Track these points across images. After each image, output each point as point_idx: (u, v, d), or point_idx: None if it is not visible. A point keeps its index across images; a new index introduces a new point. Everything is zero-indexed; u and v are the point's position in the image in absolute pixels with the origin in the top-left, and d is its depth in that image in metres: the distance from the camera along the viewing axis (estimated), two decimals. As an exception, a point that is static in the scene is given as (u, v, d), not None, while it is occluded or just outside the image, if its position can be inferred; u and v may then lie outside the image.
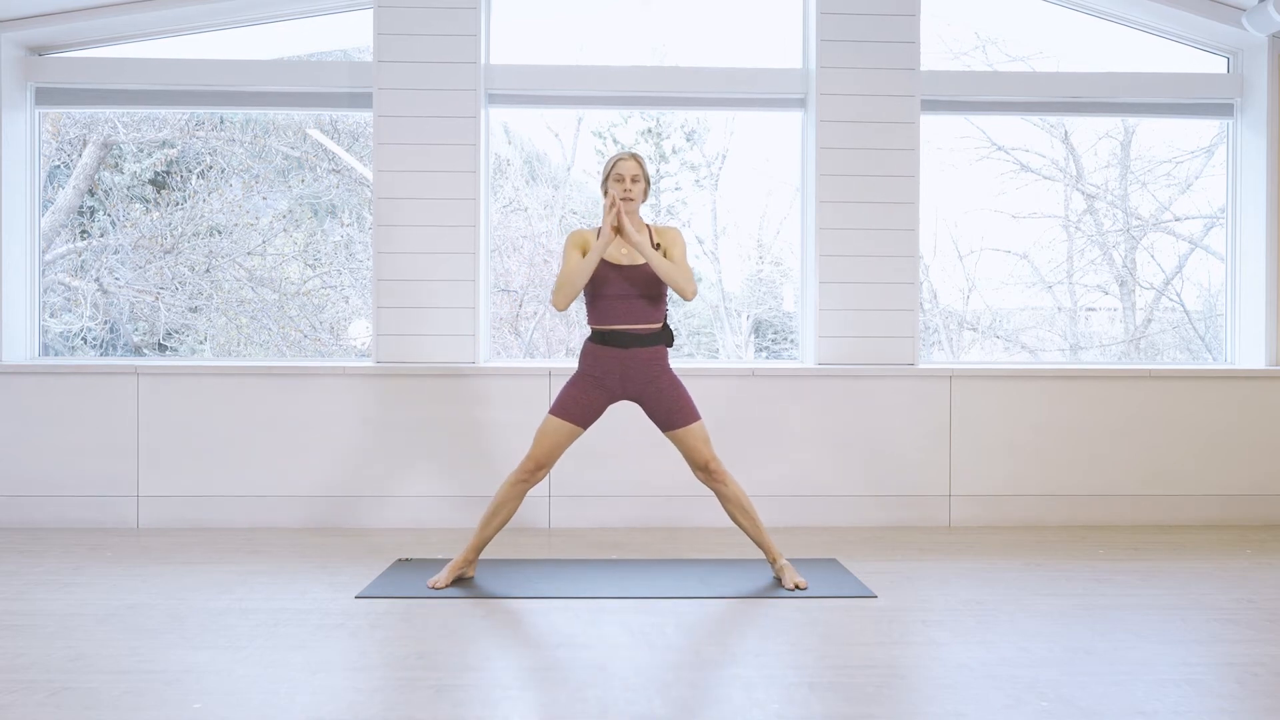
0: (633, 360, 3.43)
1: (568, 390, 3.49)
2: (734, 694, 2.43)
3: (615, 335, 3.42)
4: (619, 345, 3.42)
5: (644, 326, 3.43)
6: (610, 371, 3.43)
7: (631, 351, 3.43)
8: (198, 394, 4.54)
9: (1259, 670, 2.62)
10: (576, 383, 3.48)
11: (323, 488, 4.53)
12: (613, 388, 3.45)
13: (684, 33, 5.54)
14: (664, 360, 3.49)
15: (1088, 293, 6.24)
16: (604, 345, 3.44)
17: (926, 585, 3.50)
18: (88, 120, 5.64)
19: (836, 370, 4.66)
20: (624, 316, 3.42)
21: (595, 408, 3.47)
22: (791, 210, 5.53)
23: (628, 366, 3.43)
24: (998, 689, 2.46)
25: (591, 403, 3.46)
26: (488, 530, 3.49)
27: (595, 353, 3.46)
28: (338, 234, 5.95)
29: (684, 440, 3.46)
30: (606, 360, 3.43)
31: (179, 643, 2.80)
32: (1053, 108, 5.14)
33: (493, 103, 4.90)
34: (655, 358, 3.46)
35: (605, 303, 3.43)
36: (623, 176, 3.43)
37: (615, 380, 3.44)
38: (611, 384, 3.44)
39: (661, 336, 3.47)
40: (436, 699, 2.38)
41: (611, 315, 3.42)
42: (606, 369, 3.44)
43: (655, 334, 3.46)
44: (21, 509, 4.50)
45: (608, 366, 3.43)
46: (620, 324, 3.42)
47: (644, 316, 3.44)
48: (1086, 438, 4.67)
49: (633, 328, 3.42)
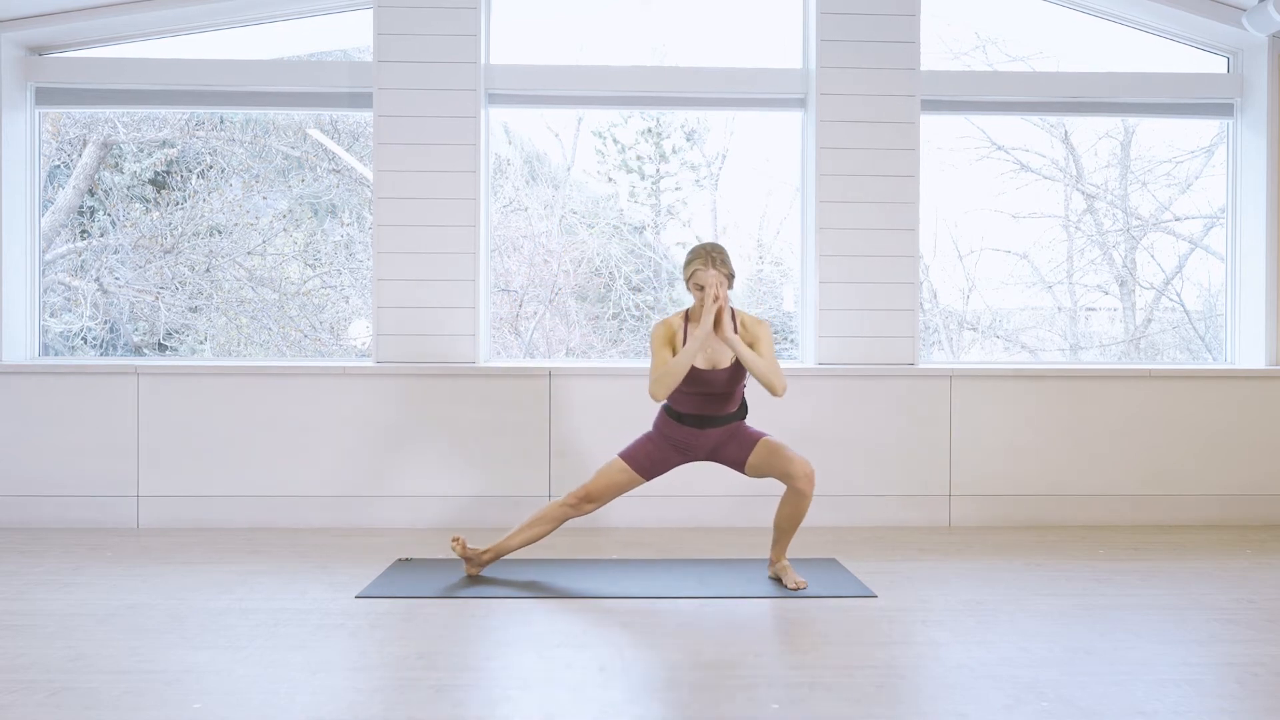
0: (708, 436, 3.46)
1: (642, 443, 3.51)
2: (734, 694, 2.43)
3: (692, 419, 3.45)
4: (695, 426, 3.45)
5: (723, 413, 3.45)
6: (684, 440, 3.47)
7: (707, 431, 3.46)
8: (198, 394, 4.54)
9: (1259, 670, 2.62)
10: (653, 439, 3.51)
11: (322, 488, 4.53)
12: (685, 451, 3.49)
13: (684, 33, 5.54)
14: (735, 428, 3.49)
15: (1088, 293, 6.24)
16: (680, 424, 3.47)
17: (926, 585, 3.50)
18: (88, 120, 5.64)
19: (836, 370, 4.66)
20: (704, 408, 3.43)
21: (665, 464, 3.50)
22: (791, 210, 5.53)
23: (701, 440, 3.47)
24: (998, 689, 2.46)
25: (664, 460, 3.49)
26: (515, 539, 3.54)
27: (671, 425, 3.48)
28: (338, 234, 5.95)
29: (763, 459, 3.40)
30: (682, 433, 3.47)
31: (179, 643, 2.80)
32: (1053, 108, 5.14)
33: (493, 103, 4.90)
34: (731, 430, 3.48)
35: (688, 398, 3.42)
36: (704, 286, 3.33)
37: (689, 445, 3.48)
38: (685, 448, 3.49)
39: (738, 415, 3.50)
40: (436, 699, 2.38)
41: (692, 406, 3.43)
42: (681, 438, 3.47)
43: (732, 415, 3.48)
44: (21, 509, 4.50)
45: (683, 437, 3.47)
46: (700, 412, 3.44)
47: (724, 408, 3.45)
48: (1086, 438, 4.67)
49: (711, 414, 3.44)
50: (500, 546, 3.56)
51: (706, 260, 3.33)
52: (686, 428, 3.45)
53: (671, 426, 3.47)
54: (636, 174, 6.25)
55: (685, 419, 3.44)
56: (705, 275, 3.32)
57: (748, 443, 3.45)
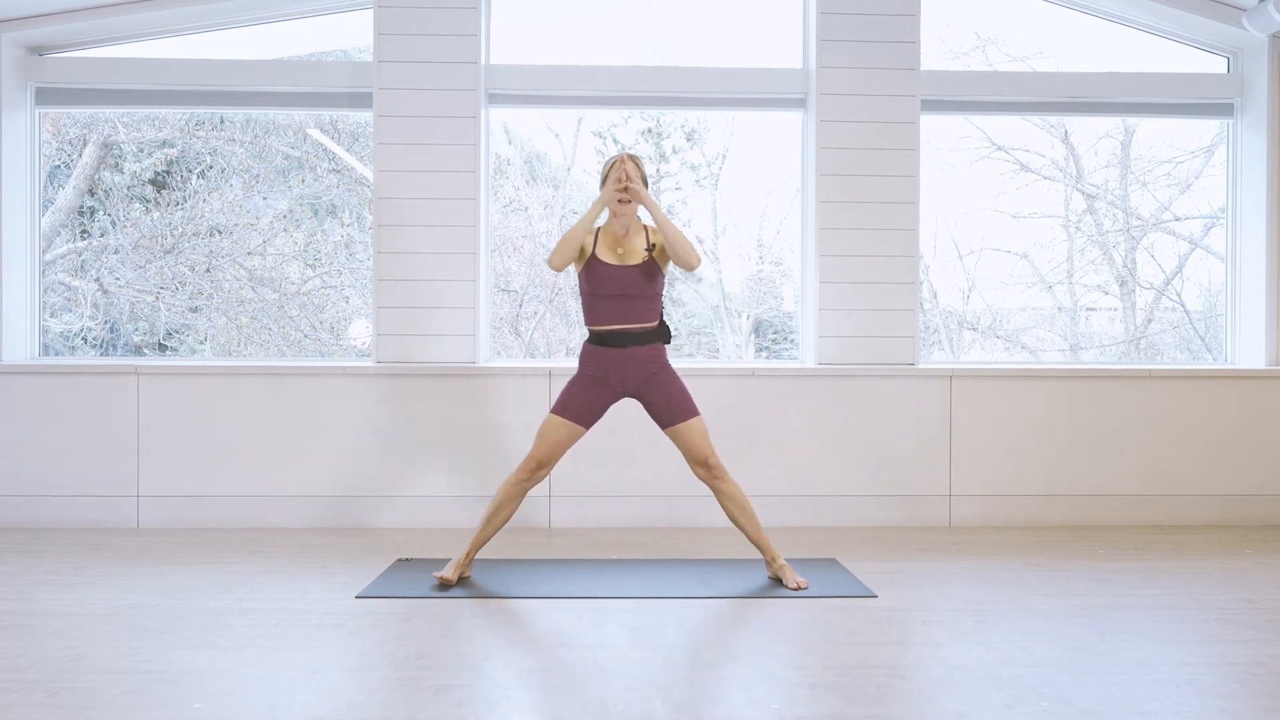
0: (631, 358, 3.45)
1: (568, 389, 3.51)
2: (734, 694, 2.43)
3: (612, 335, 3.44)
4: (616, 345, 3.44)
5: (640, 325, 3.45)
6: (609, 370, 3.45)
7: (629, 350, 3.45)
8: (198, 394, 4.54)
9: (1259, 670, 2.62)
10: (577, 381, 3.51)
11: (323, 488, 4.53)
12: (613, 385, 3.47)
13: (684, 33, 5.54)
14: (662, 357, 3.51)
15: (1088, 293, 6.24)
16: (602, 346, 3.46)
17: (926, 585, 3.50)
18: (88, 120, 5.64)
19: (836, 370, 4.66)
20: (620, 316, 3.44)
21: (597, 406, 3.49)
22: (791, 210, 5.53)
23: (626, 364, 3.45)
24: (998, 689, 2.46)
25: (592, 401, 3.48)
26: (487, 530, 3.51)
27: (594, 353, 3.48)
28: (338, 234, 5.96)
29: (683, 436, 3.47)
30: (605, 359, 3.46)
31: (179, 643, 2.80)
32: (1053, 108, 5.14)
33: (493, 103, 4.90)
34: (653, 355, 3.48)
35: (601, 303, 3.44)
36: (620, 179, 3.46)
37: (615, 378, 3.46)
38: (612, 381, 3.46)
39: (658, 334, 3.49)
40: (436, 699, 2.38)
41: (608, 316, 3.44)
42: (605, 367, 3.46)
43: (652, 331, 3.48)
44: (21, 509, 4.50)
45: (606, 365, 3.45)
46: (617, 324, 3.44)
47: (640, 315, 3.45)
48: (1086, 438, 4.67)
49: (629, 327, 3.44)
50: (476, 541, 3.51)
51: (627, 158, 3.49)
52: (609, 350, 3.45)
53: (594, 356, 3.47)
54: (636, 174, 6.24)
55: (606, 339, 3.44)
56: (625, 167, 3.45)
57: (680, 412, 3.45)
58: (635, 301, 3.44)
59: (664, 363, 3.51)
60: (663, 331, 3.51)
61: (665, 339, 3.51)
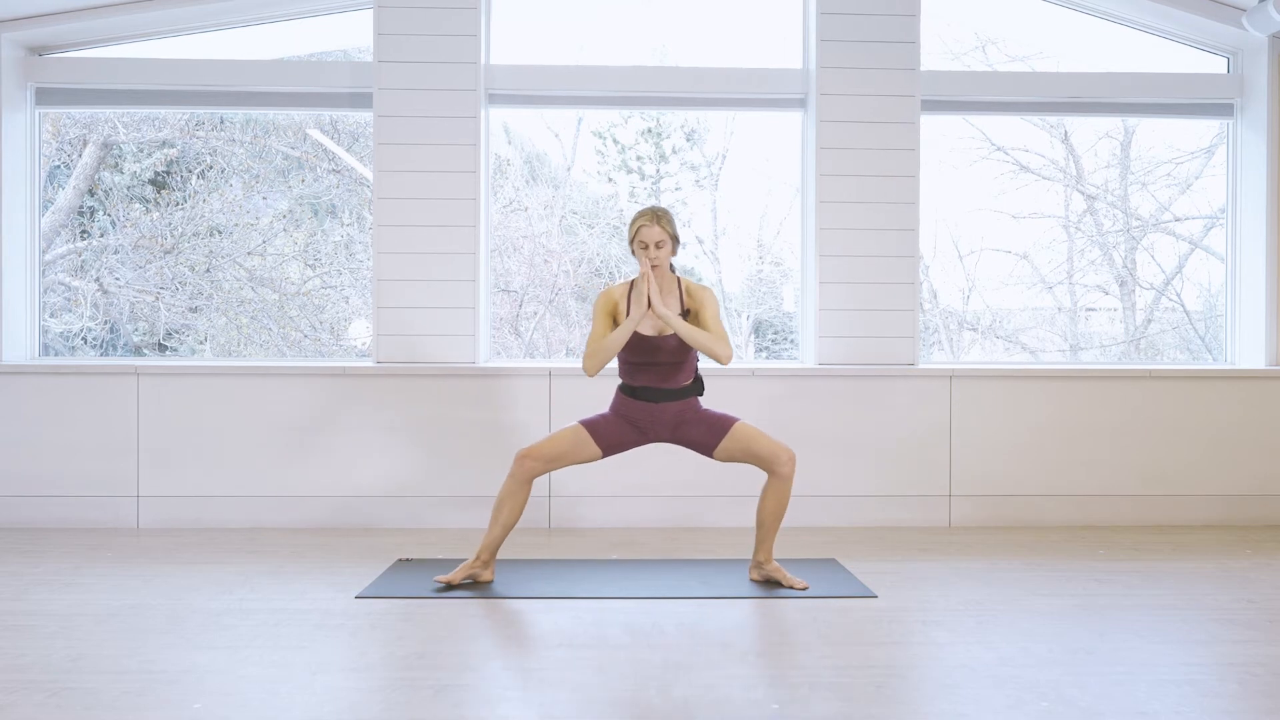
0: (663, 410, 3.42)
1: (603, 415, 3.47)
2: (734, 694, 2.43)
3: (645, 391, 3.41)
4: (649, 400, 3.42)
5: (675, 386, 3.42)
6: (640, 417, 3.43)
7: (661, 405, 3.42)
8: (198, 394, 4.54)
9: (1259, 670, 2.62)
10: (610, 418, 3.47)
11: (322, 488, 4.53)
12: (644, 429, 3.44)
13: (684, 33, 5.54)
14: (696, 405, 3.47)
15: (1088, 293, 6.24)
16: (634, 398, 3.43)
17: (926, 585, 3.50)
18: (88, 120, 5.64)
19: (836, 370, 4.66)
20: (653, 379, 3.40)
21: (624, 440, 3.45)
22: (791, 210, 5.53)
23: (657, 414, 3.42)
24: (998, 689, 2.46)
25: (622, 434, 3.44)
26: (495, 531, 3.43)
27: (626, 402, 3.45)
28: (338, 234, 5.96)
29: (739, 443, 3.38)
30: (636, 409, 3.43)
31: (179, 643, 2.80)
32: (1053, 108, 5.14)
33: (493, 103, 4.90)
34: (687, 405, 3.44)
35: (635, 368, 3.41)
36: (646, 244, 3.35)
37: (646, 423, 3.43)
38: (643, 425, 3.44)
39: (693, 389, 3.46)
40: (436, 699, 2.38)
41: (640, 377, 3.41)
42: (636, 415, 3.43)
43: (687, 389, 3.44)
44: (21, 509, 4.50)
45: (637, 413, 3.43)
46: (651, 384, 3.40)
47: (675, 379, 3.41)
48: (1086, 438, 4.67)
49: (664, 387, 3.41)
50: (489, 544, 3.45)
51: (652, 218, 3.35)
52: (640, 403, 3.41)
53: (626, 404, 3.44)
54: (637, 174, 6.25)
55: (638, 393, 3.41)
56: (649, 233, 3.33)
57: (719, 428, 3.40)
58: (669, 369, 3.39)
59: (696, 406, 3.47)
60: (696, 387, 3.47)
61: (698, 393, 3.48)
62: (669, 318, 3.29)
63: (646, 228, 3.34)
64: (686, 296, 3.44)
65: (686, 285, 3.46)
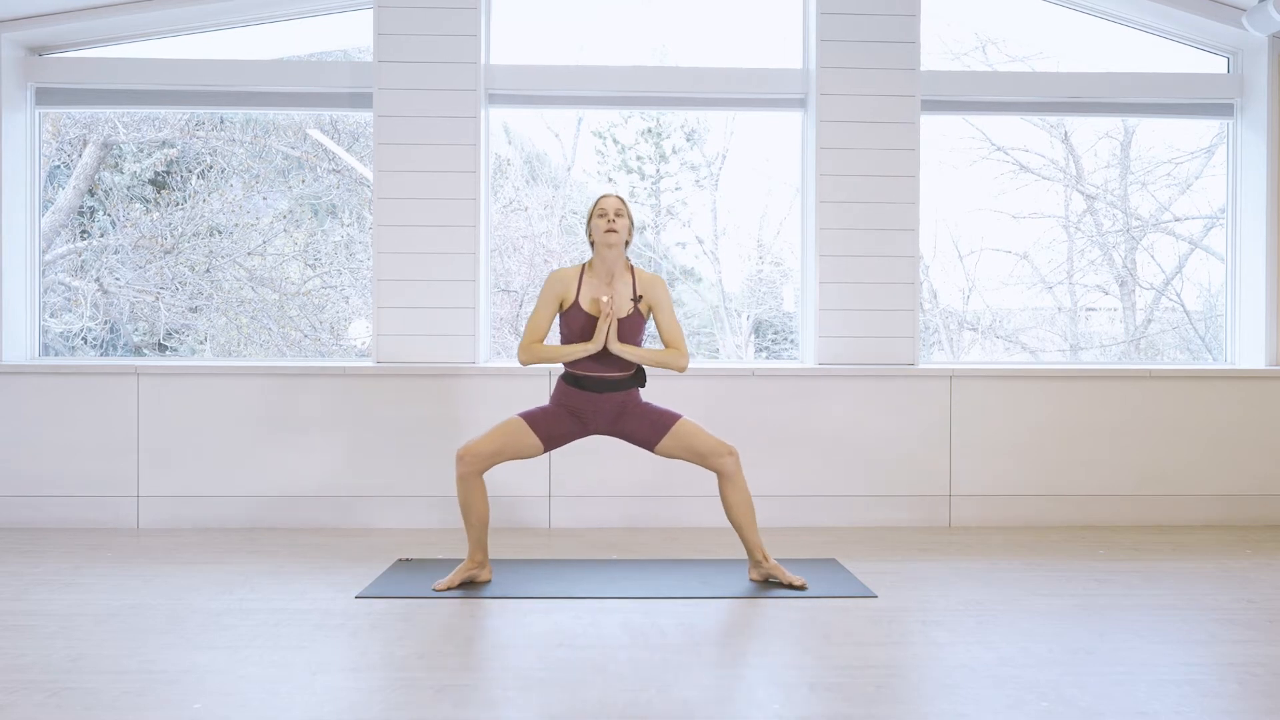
0: (605, 400, 3.44)
1: (542, 408, 3.51)
2: (734, 694, 2.43)
3: (590, 380, 3.43)
4: (592, 390, 3.43)
5: (619, 374, 3.44)
6: (583, 407, 3.45)
7: (605, 395, 3.44)
8: (198, 394, 4.54)
9: (1259, 670, 2.62)
10: (551, 409, 3.49)
11: (323, 488, 4.53)
12: (585, 420, 3.46)
13: (684, 33, 5.54)
14: (636, 397, 3.50)
15: (1088, 293, 6.24)
16: (577, 387, 3.45)
17: (926, 585, 3.50)
18: (88, 120, 5.64)
19: (836, 370, 4.66)
20: (599, 366, 3.42)
21: (563, 433, 3.47)
22: (791, 210, 5.53)
23: (599, 405, 3.44)
24: (998, 689, 2.46)
25: (560, 426, 3.46)
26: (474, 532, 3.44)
27: (568, 391, 3.47)
28: (338, 234, 5.96)
29: (680, 441, 3.43)
30: (578, 399, 3.45)
31: (179, 643, 2.80)
32: (1053, 108, 5.14)
33: (493, 103, 4.90)
34: (628, 396, 3.47)
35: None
36: (605, 211, 3.42)
37: (588, 414, 3.45)
38: (585, 417, 3.46)
39: (634, 380, 3.48)
40: (436, 699, 2.38)
41: (586, 363, 3.43)
42: (578, 405, 3.45)
43: (629, 379, 3.46)
44: (21, 509, 4.50)
45: (580, 403, 3.45)
46: (595, 372, 3.42)
47: (619, 365, 3.44)
48: (1086, 438, 4.67)
49: (607, 375, 3.43)
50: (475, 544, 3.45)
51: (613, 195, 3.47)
52: (583, 392, 3.43)
53: (568, 393, 3.45)
54: (637, 174, 6.26)
55: (584, 382, 3.42)
56: (609, 201, 3.43)
57: (660, 424, 3.43)
58: (614, 356, 3.41)
59: (637, 399, 3.50)
60: (639, 378, 3.49)
61: (640, 384, 3.50)
62: (624, 353, 3.37)
63: (607, 197, 3.46)
64: (639, 284, 3.48)
65: (639, 275, 3.50)
